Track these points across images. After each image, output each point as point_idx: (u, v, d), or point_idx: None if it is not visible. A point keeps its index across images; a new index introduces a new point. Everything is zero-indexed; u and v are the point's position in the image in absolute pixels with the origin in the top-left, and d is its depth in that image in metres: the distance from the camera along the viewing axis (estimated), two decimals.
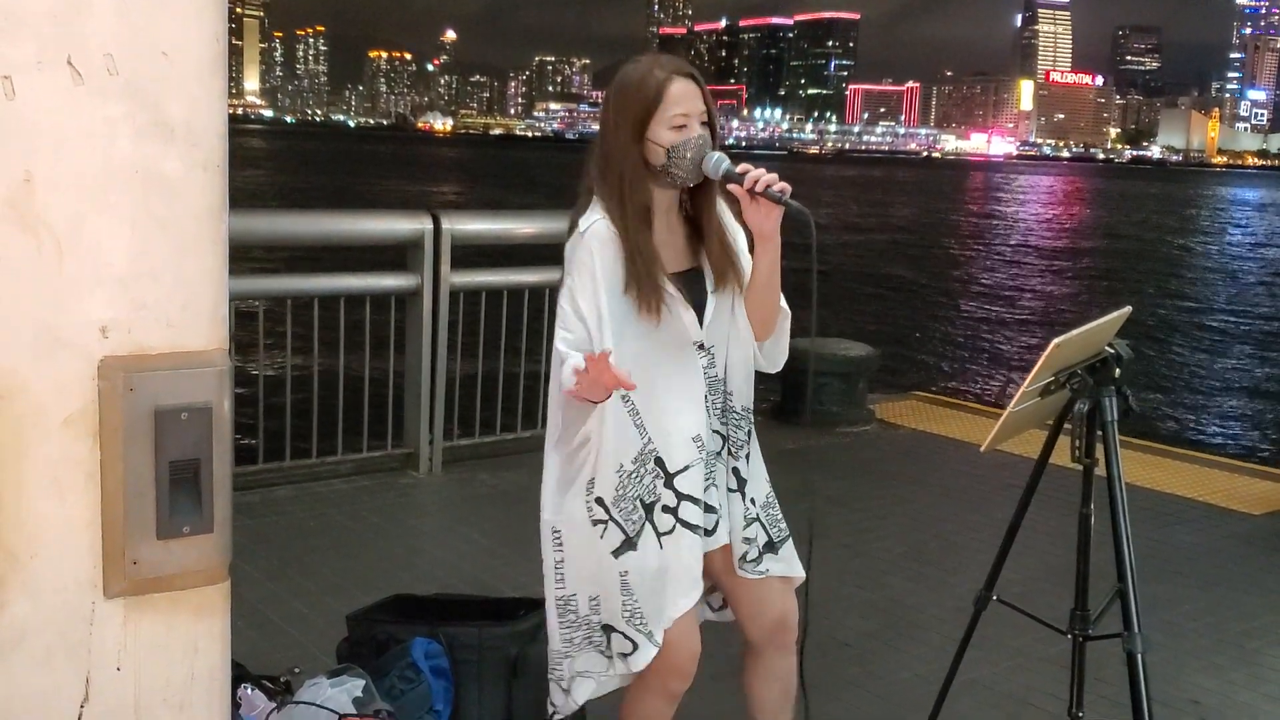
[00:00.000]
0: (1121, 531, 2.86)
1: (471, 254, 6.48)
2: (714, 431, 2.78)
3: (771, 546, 2.87)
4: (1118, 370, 2.88)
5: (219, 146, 1.54)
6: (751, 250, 2.70)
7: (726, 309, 2.75)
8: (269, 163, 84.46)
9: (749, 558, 2.83)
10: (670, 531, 2.72)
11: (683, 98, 2.60)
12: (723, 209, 2.77)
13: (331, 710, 2.95)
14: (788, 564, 2.89)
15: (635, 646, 2.74)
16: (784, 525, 2.92)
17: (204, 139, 1.52)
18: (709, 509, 2.78)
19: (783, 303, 2.79)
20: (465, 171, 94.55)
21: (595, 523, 2.70)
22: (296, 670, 3.24)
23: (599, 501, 2.69)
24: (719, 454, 2.80)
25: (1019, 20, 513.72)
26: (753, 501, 2.84)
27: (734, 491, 2.82)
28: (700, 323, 2.71)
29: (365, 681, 3.08)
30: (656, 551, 2.71)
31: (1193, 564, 5.35)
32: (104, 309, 1.49)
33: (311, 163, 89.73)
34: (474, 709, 3.36)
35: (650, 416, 2.69)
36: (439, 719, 3.29)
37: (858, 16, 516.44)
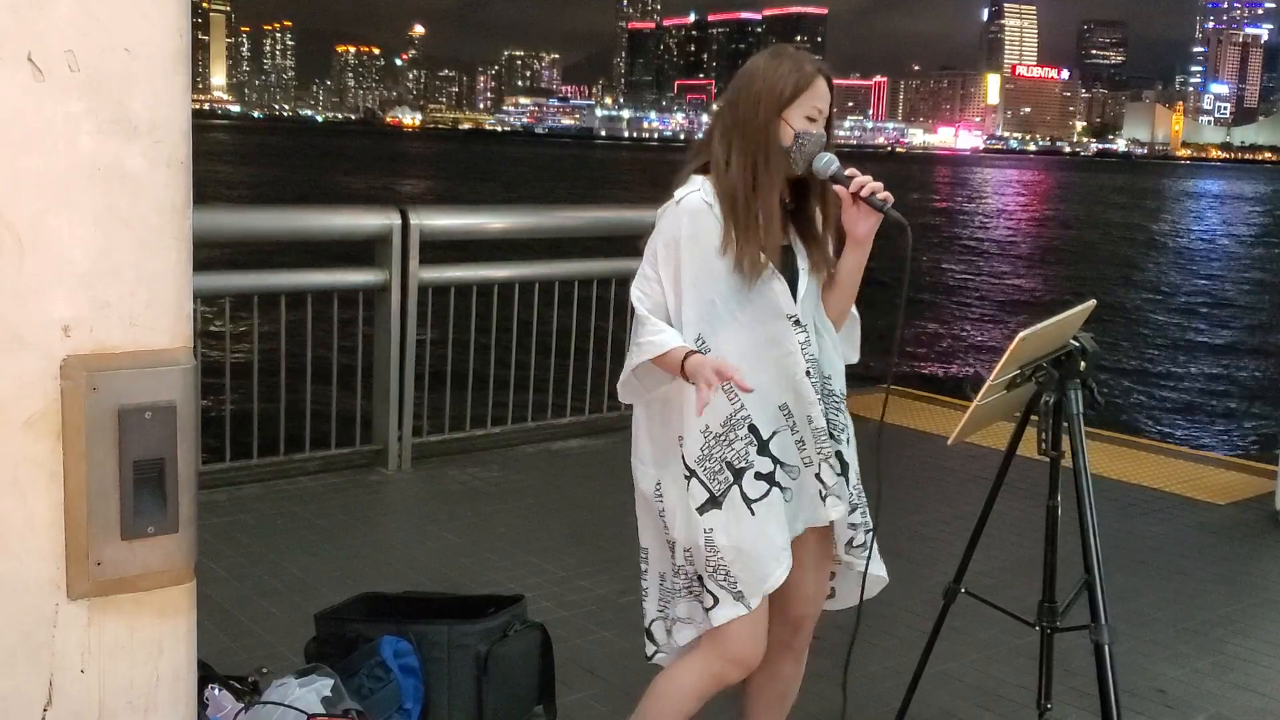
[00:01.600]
0: (1088, 523, 2.88)
1: (442, 249, 6.47)
2: (827, 408, 2.84)
3: (873, 542, 2.97)
4: (1083, 363, 2.90)
5: (183, 143, 1.53)
6: (838, 252, 2.85)
7: (816, 293, 2.86)
8: (235, 157, 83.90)
9: (856, 543, 2.91)
10: (764, 497, 2.78)
11: (823, 96, 2.78)
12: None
13: (300, 710, 2.93)
14: (877, 563, 2.99)
15: (716, 601, 2.78)
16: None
17: (167, 135, 1.51)
18: (820, 481, 2.84)
19: (854, 309, 2.93)
20: (434, 166, 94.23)
21: (685, 477, 2.78)
22: (264, 670, 3.22)
23: (686, 458, 2.78)
24: (836, 434, 2.85)
25: (985, 14, 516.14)
26: (856, 490, 2.92)
27: (840, 476, 2.87)
28: (795, 298, 2.79)
29: (334, 681, 3.07)
30: (747, 517, 2.76)
31: (1157, 554, 5.40)
32: (66, 307, 1.47)
33: (279, 157, 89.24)
34: (444, 707, 3.35)
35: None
36: (409, 718, 3.28)
37: (825, 11, 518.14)
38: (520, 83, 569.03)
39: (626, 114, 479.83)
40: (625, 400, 2.89)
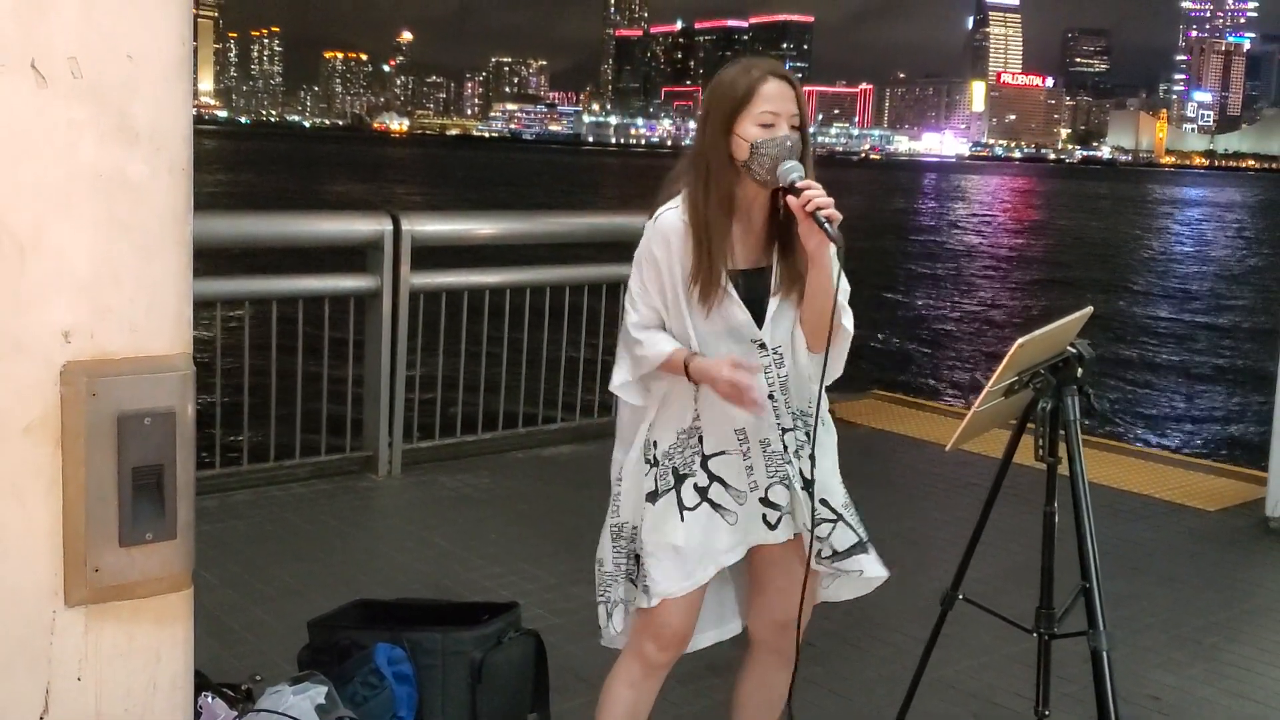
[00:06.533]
0: (1085, 530, 2.88)
1: (433, 254, 6.46)
2: (787, 430, 2.84)
3: (863, 546, 2.96)
4: (1080, 370, 2.91)
5: (184, 150, 1.53)
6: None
7: (792, 313, 2.82)
8: (224, 163, 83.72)
9: (823, 555, 2.91)
10: (694, 508, 2.82)
11: (774, 97, 2.68)
12: None
13: (294, 718, 2.92)
14: (875, 566, 3.00)
15: (648, 588, 2.85)
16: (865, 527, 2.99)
17: (169, 142, 1.51)
18: (769, 504, 2.85)
19: (848, 323, 2.83)
20: (423, 171, 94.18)
21: (646, 462, 2.86)
22: (258, 678, 3.20)
23: (654, 446, 2.85)
24: (796, 453, 2.85)
25: (970, 23, 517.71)
26: (824, 503, 2.89)
27: (804, 490, 2.87)
28: (761, 321, 2.78)
29: (328, 688, 3.05)
30: (676, 521, 2.81)
31: (1150, 560, 5.41)
32: (66, 314, 1.47)
33: (267, 163, 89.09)
34: (438, 715, 3.34)
35: (706, 399, 2.78)
36: None
37: (811, 19, 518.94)
38: (508, 89, 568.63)
39: (614, 120, 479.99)
40: (628, 400, 2.90)
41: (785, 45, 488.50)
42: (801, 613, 2.90)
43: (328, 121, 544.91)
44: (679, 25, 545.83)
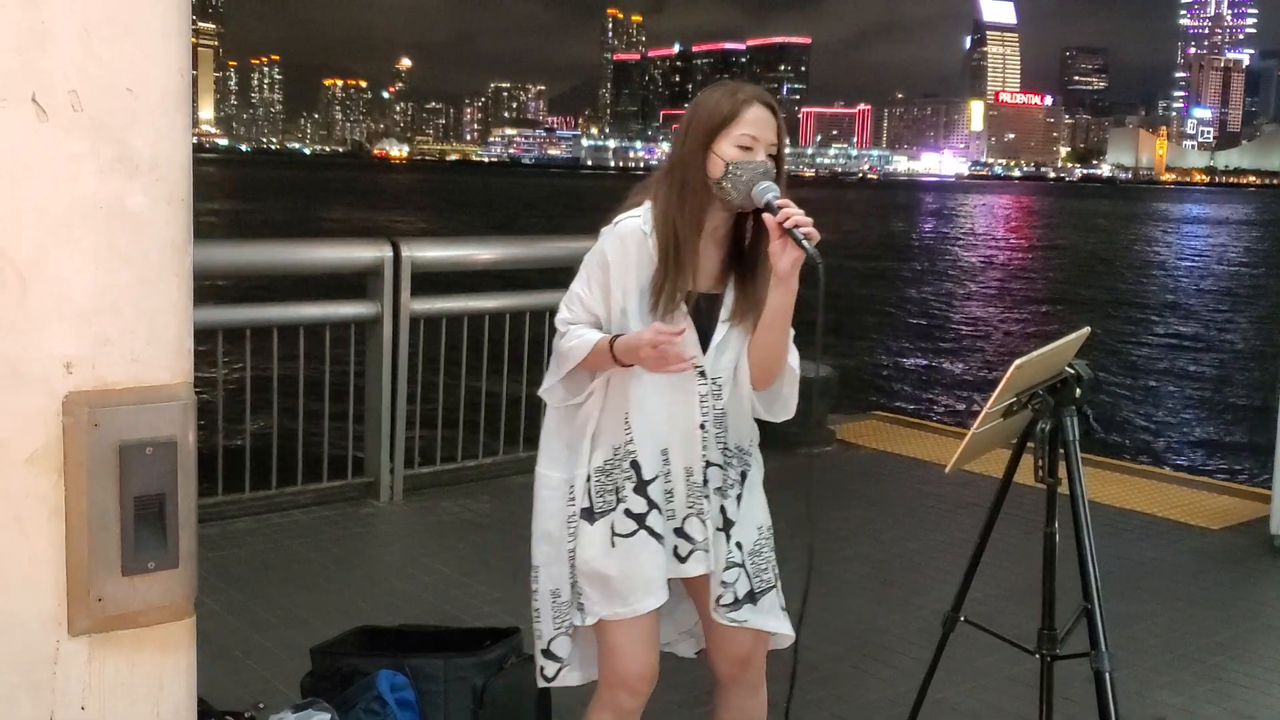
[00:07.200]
0: (1086, 550, 2.88)
1: (432, 280, 6.47)
2: (713, 464, 2.78)
3: (751, 596, 2.81)
4: (1078, 390, 2.91)
5: (183, 180, 1.54)
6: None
7: (739, 344, 2.76)
8: (224, 191, 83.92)
9: (723, 601, 2.79)
10: (629, 535, 2.74)
11: (756, 122, 2.66)
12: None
13: None
14: (764, 617, 2.83)
15: (583, 606, 2.79)
16: (770, 575, 2.86)
17: (168, 173, 1.52)
18: (683, 535, 2.77)
19: (795, 362, 2.78)
20: (423, 197, 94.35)
21: (585, 479, 2.77)
22: (261, 705, 3.21)
23: (589, 462, 2.77)
24: (718, 489, 2.79)
25: (968, 42, 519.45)
26: (738, 546, 2.80)
27: (720, 530, 2.80)
28: (705, 347, 2.73)
29: (331, 715, 3.06)
30: (606, 549, 2.74)
31: (1153, 579, 5.40)
32: (67, 344, 1.48)
33: (268, 191, 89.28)
34: None
35: (639, 419, 2.74)
36: None
37: (809, 41, 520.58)
38: (506, 114, 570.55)
39: (613, 144, 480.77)
40: (552, 403, 2.84)
41: (783, 67, 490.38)
42: (759, 644, 2.84)
43: (328, 148, 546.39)
44: (676, 49, 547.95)
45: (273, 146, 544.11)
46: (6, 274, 1.43)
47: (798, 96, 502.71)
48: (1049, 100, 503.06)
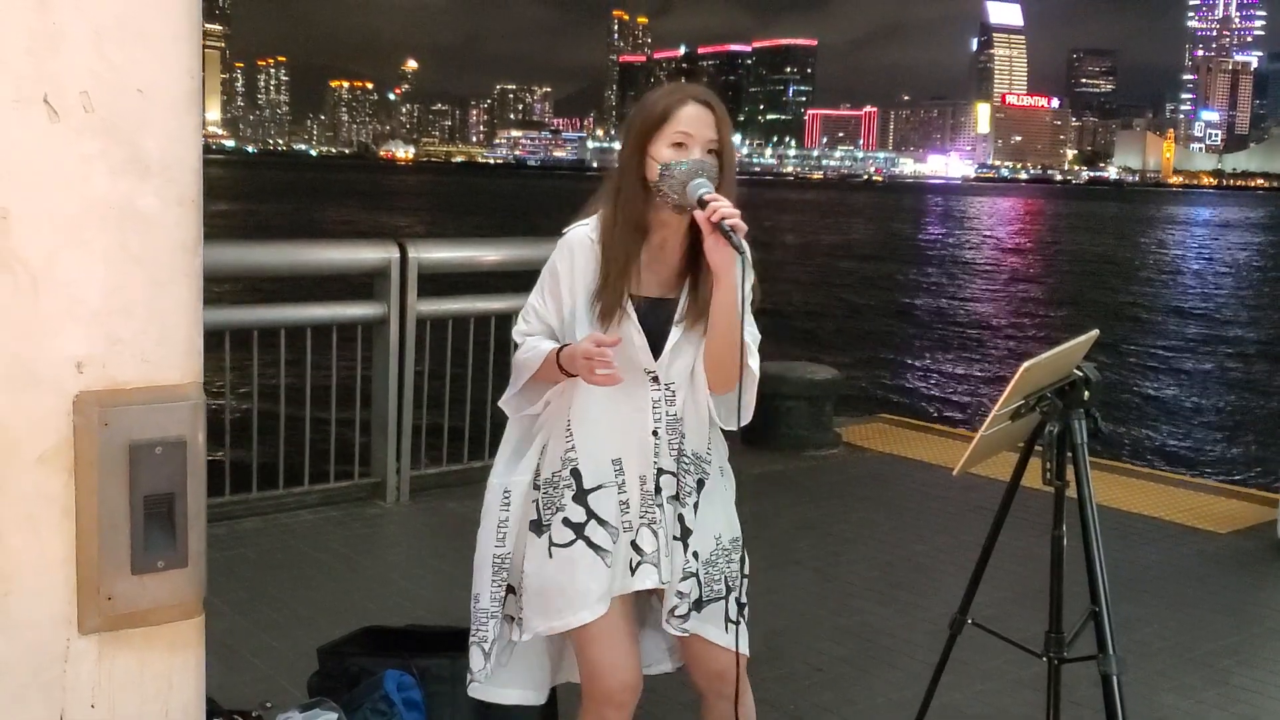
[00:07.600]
0: (1094, 553, 2.88)
1: (439, 281, 6.48)
2: (666, 472, 2.72)
3: (699, 604, 2.74)
4: (1086, 393, 2.90)
5: (193, 182, 1.54)
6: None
7: (693, 349, 2.70)
8: (230, 192, 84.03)
9: (678, 612, 2.73)
10: (567, 545, 2.71)
11: (690, 120, 2.61)
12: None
13: None
14: (705, 625, 2.76)
15: (521, 621, 2.79)
16: (721, 586, 2.77)
17: (179, 174, 1.53)
18: (635, 548, 2.72)
19: (754, 364, 2.70)
20: (429, 199, 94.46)
21: (534, 489, 2.78)
22: (268, 704, 3.21)
23: (538, 472, 2.77)
24: (673, 498, 2.73)
25: (975, 44, 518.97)
26: (695, 555, 2.73)
27: (677, 540, 2.74)
28: (657, 353, 2.68)
29: (337, 715, 3.06)
30: (544, 560, 2.73)
31: (1160, 583, 5.39)
32: (79, 344, 1.49)
33: (274, 192, 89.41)
34: None
35: (581, 427, 2.71)
36: None
37: (815, 43, 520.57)
38: (512, 116, 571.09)
39: (618, 146, 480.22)
40: (510, 414, 2.83)
41: (789, 69, 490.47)
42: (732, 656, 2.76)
43: (334, 150, 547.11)
44: (682, 50, 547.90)
45: (279, 148, 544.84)
46: (18, 274, 1.44)
47: (804, 99, 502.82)
48: (1056, 103, 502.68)
